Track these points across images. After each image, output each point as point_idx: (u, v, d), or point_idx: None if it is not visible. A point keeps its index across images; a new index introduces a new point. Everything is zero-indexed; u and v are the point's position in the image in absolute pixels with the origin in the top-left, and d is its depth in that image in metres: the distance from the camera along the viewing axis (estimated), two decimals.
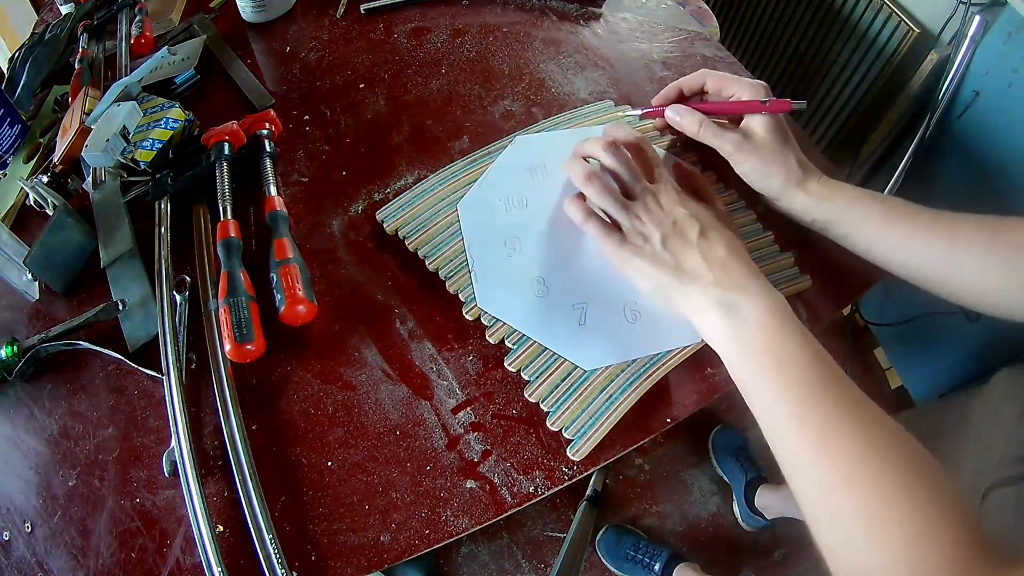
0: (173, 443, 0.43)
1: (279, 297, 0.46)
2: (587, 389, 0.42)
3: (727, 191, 0.51)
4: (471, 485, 0.41)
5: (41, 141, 0.66)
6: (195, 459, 0.42)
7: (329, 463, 0.42)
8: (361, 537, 0.40)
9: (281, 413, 0.45)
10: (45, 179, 0.58)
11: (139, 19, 0.73)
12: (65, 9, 0.81)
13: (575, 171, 0.46)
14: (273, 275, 0.47)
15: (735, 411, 1.26)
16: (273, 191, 0.54)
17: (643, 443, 0.42)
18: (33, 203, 0.58)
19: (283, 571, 0.37)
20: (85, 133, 0.59)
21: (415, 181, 0.55)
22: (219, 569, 0.38)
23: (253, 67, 0.68)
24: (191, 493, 0.40)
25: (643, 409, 0.42)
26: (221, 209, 0.52)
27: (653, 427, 0.42)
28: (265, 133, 0.57)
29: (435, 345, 0.47)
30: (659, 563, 1.06)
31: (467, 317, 0.46)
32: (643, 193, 0.44)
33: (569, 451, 0.41)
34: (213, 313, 0.47)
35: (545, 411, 0.42)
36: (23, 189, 0.60)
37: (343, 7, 0.73)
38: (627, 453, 0.41)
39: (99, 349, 0.48)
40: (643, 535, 1.14)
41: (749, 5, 1.30)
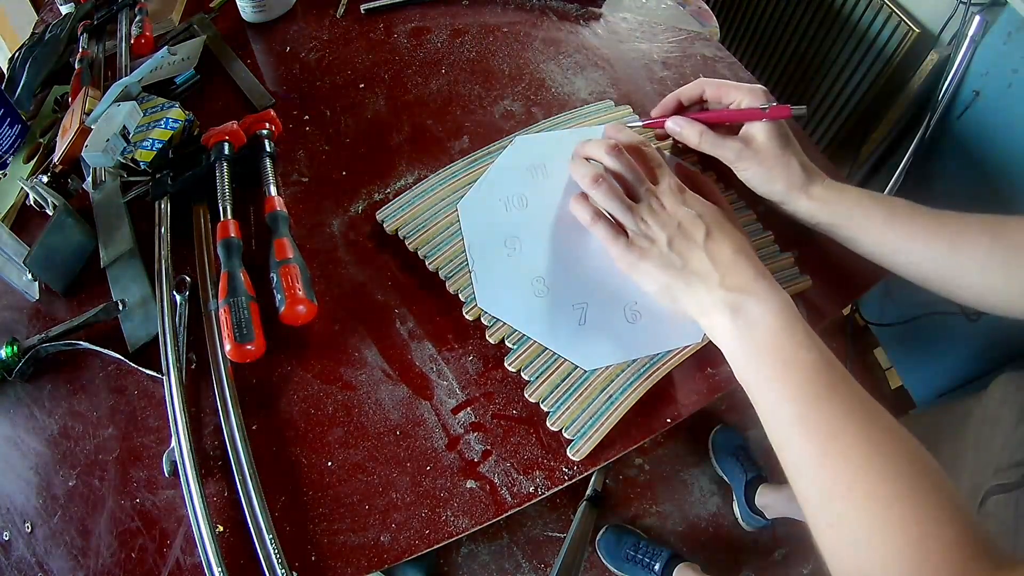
0: (173, 443, 0.43)
1: (279, 297, 0.46)
2: (587, 389, 0.42)
3: (728, 191, 0.51)
4: (471, 485, 0.41)
5: (41, 141, 0.66)
6: (195, 459, 0.42)
7: (329, 463, 0.42)
8: (361, 537, 0.40)
9: (281, 413, 0.45)
10: (45, 179, 0.58)
11: (139, 19, 0.73)
12: (65, 9, 0.81)
13: (581, 173, 0.46)
14: (273, 275, 0.47)
15: (735, 411, 1.26)
16: (273, 191, 0.54)
17: (643, 443, 0.42)
18: (33, 203, 0.58)
19: (283, 571, 0.37)
20: (85, 133, 0.59)
21: (415, 181, 0.55)
22: (219, 569, 0.38)
23: (253, 67, 0.68)
24: (191, 493, 0.40)
25: (643, 409, 0.42)
26: (221, 209, 0.52)
27: (653, 427, 0.42)
28: (265, 133, 0.57)
29: (435, 345, 0.47)
30: (659, 563, 1.06)
31: (467, 317, 0.46)
32: (647, 195, 0.44)
33: (569, 451, 0.41)
34: (213, 313, 0.47)
35: (545, 411, 0.42)
36: (23, 189, 0.60)
37: (343, 7, 0.73)
38: (627, 453, 0.41)
39: (99, 349, 0.48)
40: (643, 535, 1.14)
41: (749, 5, 1.30)
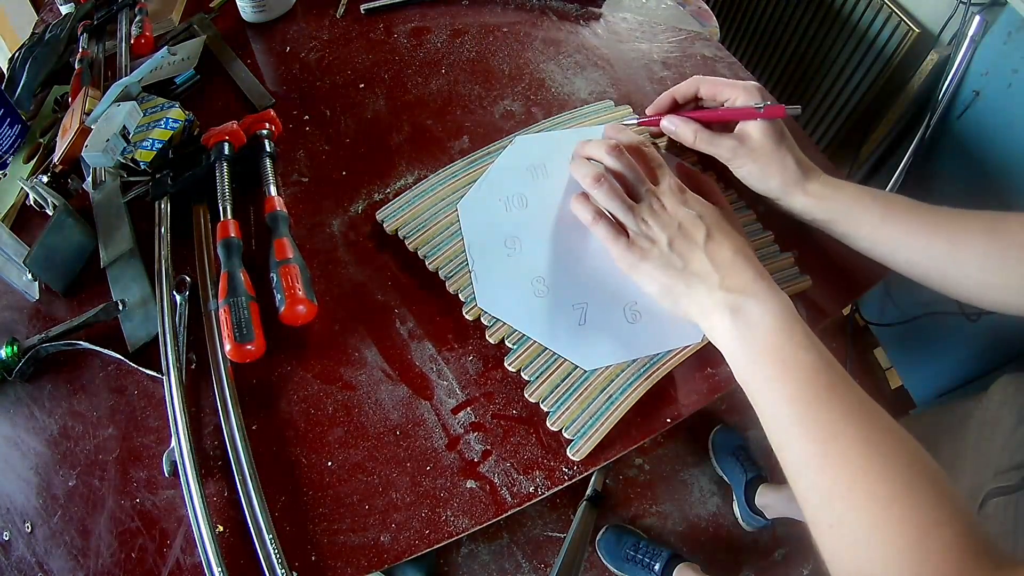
0: (173, 443, 0.43)
1: (279, 297, 0.46)
2: (587, 389, 0.42)
3: (728, 191, 0.51)
4: (471, 485, 0.41)
5: (41, 141, 0.66)
6: (195, 459, 0.42)
7: (329, 463, 0.42)
8: (361, 537, 0.40)
9: (281, 413, 0.45)
10: (45, 179, 0.58)
11: (139, 19, 0.73)
12: (65, 9, 0.81)
13: (582, 173, 0.46)
14: (273, 275, 0.47)
15: (735, 411, 1.26)
16: (273, 191, 0.54)
17: (643, 443, 0.42)
18: (33, 203, 0.58)
19: (283, 571, 0.37)
20: (85, 133, 0.59)
21: (415, 181, 0.55)
22: (219, 569, 0.38)
23: (253, 67, 0.68)
24: (191, 493, 0.40)
25: (643, 409, 0.42)
26: (221, 209, 0.52)
27: (653, 427, 0.42)
28: (265, 133, 0.57)
29: (435, 345, 0.47)
30: (659, 563, 1.06)
31: (467, 317, 0.46)
32: (648, 195, 0.44)
33: (569, 451, 0.41)
34: (213, 313, 0.47)
35: (545, 411, 0.42)
36: (23, 189, 0.60)
37: (343, 7, 0.73)
38: (627, 453, 0.41)
39: (99, 349, 0.48)
40: (643, 535, 1.14)
41: (749, 5, 1.30)
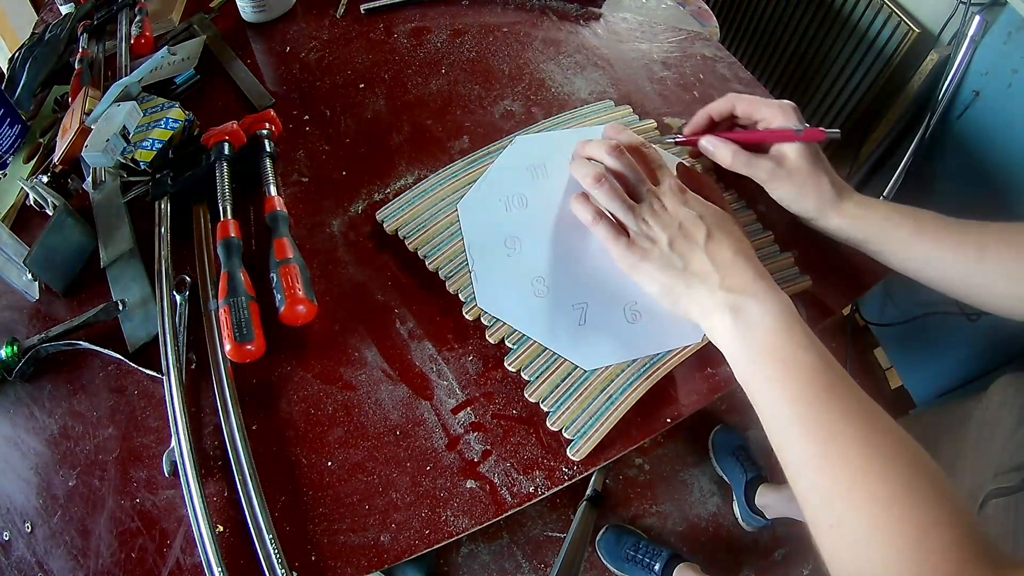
0: (173, 443, 0.43)
1: (279, 297, 0.46)
2: (587, 389, 0.42)
3: (728, 191, 0.51)
4: (471, 485, 0.41)
5: (41, 141, 0.66)
6: (195, 459, 0.42)
7: (329, 463, 0.42)
8: (361, 537, 0.40)
9: (281, 413, 0.45)
10: (45, 179, 0.58)
11: (139, 19, 0.73)
12: (65, 9, 0.81)
13: (582, 173, 0.45)
14: (273, 275, 0.47)
15: (735, 411, 1.26)
16: (273, 191, 0.54)
17: (643, 443, 0.42)
18: (33, 203, 0.58)
19: (283, 571, 0.37)
20: (85, 133, 0.59)
21: (415, 181, 0.55)
22: (219, 569, 0.38)
23: (253, 67, 0.68)
24: (191, 493, 0.40)
25: (643, 409, 0.42)
26: (221, 209, 0.52)
27: (653, 427, 0.42)
28: (265, 133, 0.57)
29: (435, 345, 0.47)
30: (659, 563, 1.06)
31: (467, 317, 0.46)
32: (648, 195, 0.44)
33: (569, 451, 0.41)
34: (213, 313, 0.47)
35: (545, 411, 0.42)
36: (23, 189, 0.59)
37: (343, 7, 0.73)
38: (627, 453, 0.41)
39: (99, 349, 0.48)
40: (643, 535, 1.14)
41: (749, 5, 1.30)
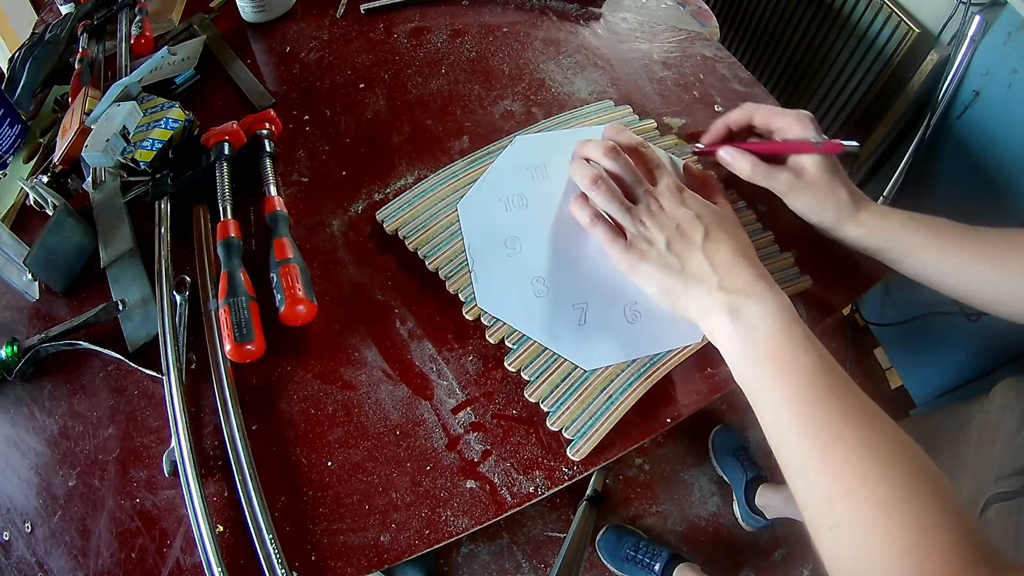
0: (173, 443, 0.43)
1: (279, 297, 0.46)
2: (587, 389, 0.42)
3: (728, 190, 0.51)
4: (471, 485, 0.41)
5: (41, 141, 0.66)
6: (195, 459, 0.42)
7: (329, 463, 0.42)
8: (361, 537, 0.40)
9: (281, 413, 0.45)
10: (45, 179, 0.58)
11: (139, 19, 0.73)
12: (65, 9, 0.81)
13: (580, 174, 0.46)
14: (273, 275, 0.47)
15: (735, 411, 1.26)
16: (273, 191, 0.54)
17: (643, 443, 0.42)
18: (33, 203, 0.58)
19: (283, 571, 0.37)
20: (85, 133, 0.59)
21: (415, 181, 0.55)
22: (219, 569, 0.38)
23: (253, 67, 0.68)
24: (191, 493, 0.40)
25: (643, 409, 0.42)
26: (221, 209, 0.52)
27: (653, 427, 0.42)
28: (265, 133, 0.57)
29: (435, 345, 0.47)
30: (659, 563, 1.06)
31: (467, 317, 0.46)
32: (646, 196, 0.44)
33: (569, 451, 0.41)
34: (213, 313, 0.47)
35: (545, 411, 0.42)
36: (23, 189, 0.60)
37: (343, 7, 0.73)
38: (627, 453, 0.41)
39: (99, 349, 0.48)
40: (643, 535, 1.14)
41: (749, 5, 1.30)
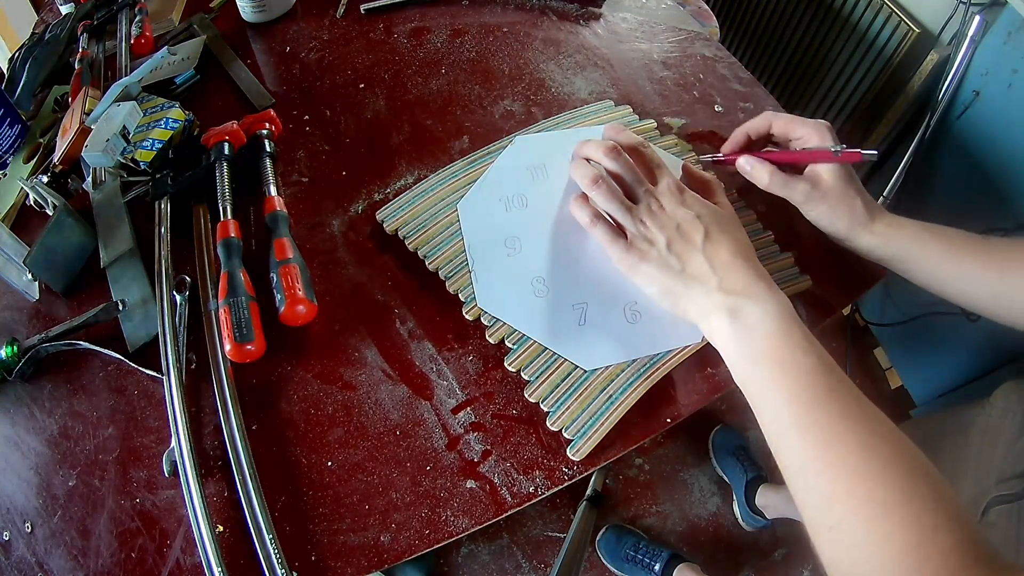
0: (173, 443, 0.43)
1: (279, 297, 0.46)
2: (587, 389, 0.42)
3: (728, 190, 0.51)
4: (471, 485, 0.41)
5: (41, 141, 0.66)
6: (195, 459, 0.42)
7: (329, 463, 0.42)
8: (361, 537, 0.40)
9: (281, 413, 0.45)
10: (45, 179, 0.58)
11: (139, 19, 0.73)
12: (65, 9, 0.81)
13: (581, 174, 0.45)
14: (273, 275, 0.47)
15: (735, 411, 1.26)
16: (273, 191, 0.54)
17: (643, 443, 0.42)
18: (33, 203, 0.58)
19: (283, 571, 0.37)
20: (85, 133, 0.59)
21: (415, 181, 0.55)
22: (219, 569, 0.38)
23: (253, 67, 0.68)
24: (191, 493, 0.40)
25: (643, 409, 0.42)
26: (221, 209, 0.52)
27: (653, 427, 0.42)
28: (265, 133, 0.57)
29: (435, 345, 0.47)
30: (659, 563, 1.06)
31: (467, 317, 0.46)
32: (646, 196, 0.44)
33: (569, 451, 0.41)
34: (213, 313, 0.47)
35: (545, 411, 0.42)
36: (23, 189, 0.59)
37: (343, 7, 0.73)
38: (627, 453, 0.41)
39: (99, 349, 0.48)
40: (643, 535, 1.14)
41: (749, 5, 1.30)
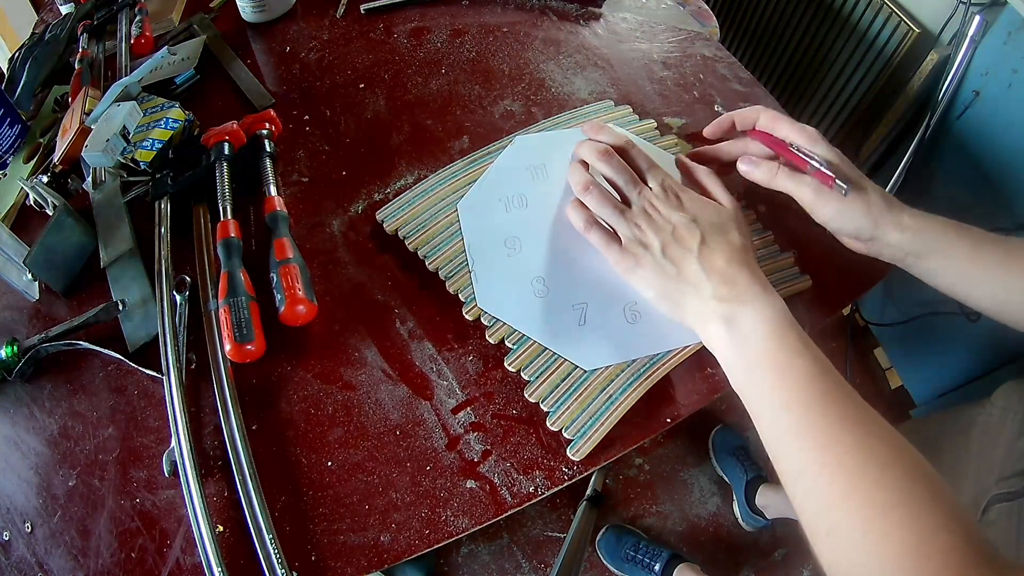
0: (173, 443, 0.43)
1: (279, 297, 0.46)
2: (587, 389, 0.42)
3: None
4: (471, 485, 0.41)
5: (41, 141, 0.66)
6: (195, 459, 0.42)
7: (329, 463, 0.42)
8: (361, 537, 0.40)
9: (281, 413, 0.45)
10: (45, 179, 0.58)
11: (139, 19, 0.73)
12: (65, 9, 0.81)
13: (574, 180, 0.46)
14: (273, 275, 0.47)
15: (735, 411, 1.26)
16: (273, 191, 0.54)
17: (643, 443, 0.42)
18: (33, 203, 0.58)
19: (283, 571, 0.37)
20: (85, 133, 0.59)
21: (415, 181, 0.55)
22: (219, 569, 0.38)
23: (253, 67, 0.68)
24: (191, 493, 0.40)
25: (643, 409, 0.42)
26: (221, 209, 0.52)
27: (653, 427, 0.42)
28: (265, 133, 0.57)
29: (435, 345, 0.47)
30: (659, 563, 1.06)
31: (467, 317, 0.46)
32: (640, 199, 0.44)
33: (569, 451, 0.41)
34: (213, 313, 0.47)
35: (545, 411, 0.42)
36: (23, 189, 0.59)
37: (343, 7, 0.73)
38: (627, 453, 0.41)
39: (99, 349, 0.48)
40: (643, 535, 1.14)
41: (749, 5, 1.30)
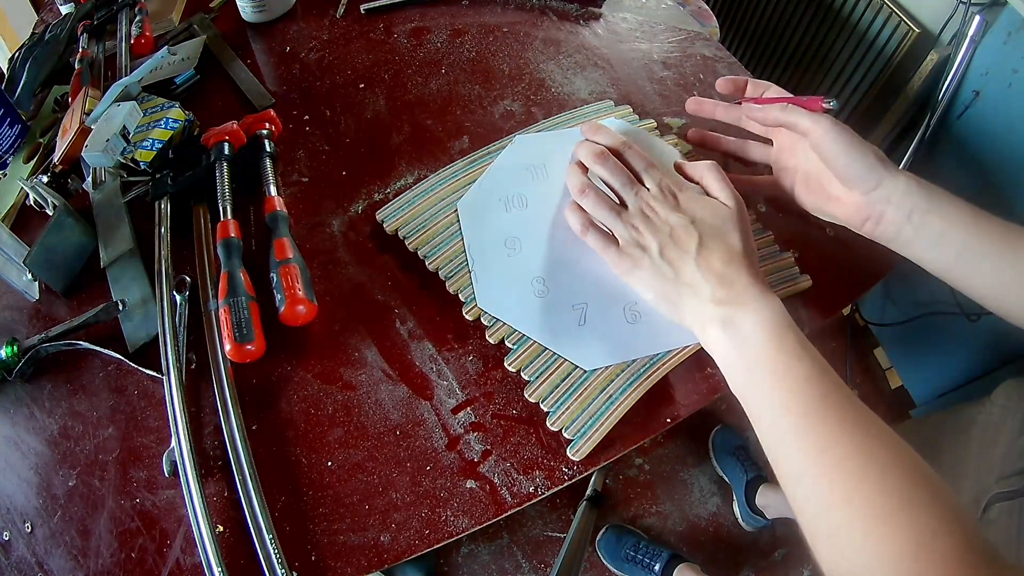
0: (173, 443, 0.43)
1: (279, 297, 0.46)
2: (587, 389, 0.42)
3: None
4: (471, 485, 0.41)
5: (41, 141, 0.66)
6: (195, 459, 0.42)
7: (329, 463, 0.42)
8: (361, 537, 0.40)
9: (281, 413, 0.45)
10: (45, 179, 0.58)
11: (139, 19, 0.73)
12: (65, 9, 0.81)
13: (571, 183, 0.46)
14: (273, 275, 0.47)
15: (735, 411, 1.25)
16: (273, 191, 0.54)
17: (643, 443, 0.42)
18: (33, 203, 0.58)
19: (283, 571, 0.37)
20: (85, 133, 0.59)
21: (415, 181, 0.55)
22: (219, 569, 0.38)
23: (253, 67, 0.68)
24: (191, 493, 0.40)
25: (643, 409, 0.42)
26: (221, 209, 0.52)
27: (653, 427, 0.42)
28: (265, 133, 0.57)
29: (435, 345, 0.47)
30: (659, 563, 1.06)
31: (467, 317, 0.46)
32: (638, 200, 0.44)
33: (569, 451, 0.41)
34: (213, 313, 0.47)
35: (545, 411, 0.42)
36: (23, 189, 0.59)
37: (343, 7, 0.73)
38: (627, 453, 0.41)
39: (99, 349, 0.48)
40: (643, 535, 1.14)
41: (749, 5, 1.30)
